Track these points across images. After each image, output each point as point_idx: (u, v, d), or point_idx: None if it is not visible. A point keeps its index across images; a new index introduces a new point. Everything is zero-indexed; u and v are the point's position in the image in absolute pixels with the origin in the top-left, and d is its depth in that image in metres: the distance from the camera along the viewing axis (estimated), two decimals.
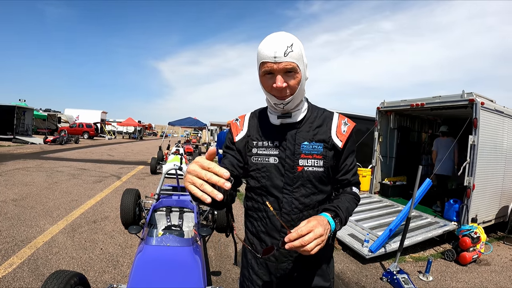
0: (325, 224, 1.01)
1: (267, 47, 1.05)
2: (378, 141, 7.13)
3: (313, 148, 1.20)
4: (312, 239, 0.91)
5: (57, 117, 32.38)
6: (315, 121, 1.24)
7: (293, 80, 1.09)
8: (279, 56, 1.04)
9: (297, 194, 1.20)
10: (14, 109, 19.75)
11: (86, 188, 7.42)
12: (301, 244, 0.90)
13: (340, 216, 1.13)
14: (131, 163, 13.16)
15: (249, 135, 1.28)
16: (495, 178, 5.38)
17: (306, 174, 1.19)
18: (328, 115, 1.27)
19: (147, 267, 2.30)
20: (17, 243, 3.88)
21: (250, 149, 1.26)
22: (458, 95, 5.09)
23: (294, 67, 1.06)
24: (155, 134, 62.43)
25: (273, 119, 1.24)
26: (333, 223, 1.08)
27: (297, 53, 1.06)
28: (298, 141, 1.20)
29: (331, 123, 1.25)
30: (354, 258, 4.31)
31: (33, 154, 13.60)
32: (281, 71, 1.07)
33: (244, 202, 1.36)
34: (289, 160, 1.19)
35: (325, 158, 1.20)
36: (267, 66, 1.07)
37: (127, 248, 4.03)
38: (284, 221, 1.20)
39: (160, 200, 3.84)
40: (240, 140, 1.29)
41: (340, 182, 1.30)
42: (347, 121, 1.27)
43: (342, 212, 1.14)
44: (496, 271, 4.23)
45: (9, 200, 5.80)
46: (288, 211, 1.20)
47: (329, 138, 1.22)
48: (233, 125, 1.33)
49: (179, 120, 15.17)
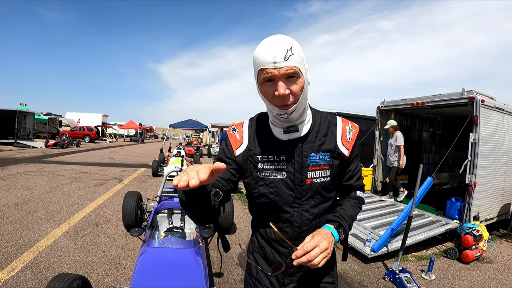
0: (329, 237, 1.04)
1: (265, 52, 0.96)
2: (379, 141, 7.13)
3: (320, 159, 1.16)
4: (318, 253, 0.96)
5: (58, 121, 32.46)
6: (320, 129, 1.19)
7: (296, 85, 1.00)
8: (279, 60, 0.95)
9: (306, 206, 1.18)
10: (15, 114, 19.84)
11: (88, 191, 7.44)
12: (307, 259, 0.95)
13: (343, 226, 1.14)
14: (132, 166, 13.18)
15: (251, 149, 1.19)
16: (497, 175, 5.37)
17: (315, 186, 1.17)
18: (332, 121, 1.22)
19: (149, 269, 2.31)
20: (19, 246, 3.90)
21: (255, 164, 1.18)
22: (458, 93, 5.09)
23: (296, 72, 0.98)
24: (156, 136, 62.51)
25: (277, 132, 1.15)
26: (337, 234, 1.10)
27: (298, 56, 0.98)
28: (305, 153, 1.15)
29: (336, 130, 1.20)
30: (356, 258, 4.31)
31: (35, 158, 13.64)
32: (282, 77, 0.97)
33: (251, 213, 1.35)
34: (298, 174, 1.15)
35: (332, 168, 1.18)
36: (267, 72, 0.97)
37: (130, 250, 4.04)
38: (296, 233, 1.20)
39: (162, 202, 3.84)
40: (241, 154, 1.19)
41: (345, 187, 1.29)
42: (351, 126, 1.23)
43: (345, 221, 1.16)
44: (499, 268, 4.22)
45: (11, 204, 5.81)
46: (299, 224, 1.19)
47: (335, 147, 1.18)
48: (231, 136, 1.23)
49: (180, 122, 15.18)
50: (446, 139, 9.05)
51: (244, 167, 1.20)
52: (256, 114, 1.28)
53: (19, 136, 20.28)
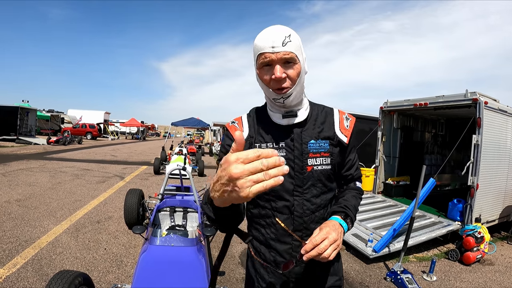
0: (337, 228, 1.03)
1: (264, 38, 1.02)
2: (382, 141, 7.11)
3: (320, 146, 1.16)
4: (327, 246, 0.94)
5: (60, 117, 32.52)
6: (318, 118, 1.21)
7: (293, 70, 1.04)
8: (277, 45, 1.00)
9: (308, 195, 1.15)
10: (17, 110, 19.90)
11: (89, 188, 7.45)
12: (317, 253, 0.93)
13: (350, 216, 1.14)
14: (134, 164, 13.20)
15: (252, 136, 1.19)
16: (499, 177, 5.35)
17: (316, 174, 1.15)
18: (329, 111, 1.24)
19: (151, 267, 2.31)
20: (21, 243, 3.91)
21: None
22: (462, 95, 5.07)
23: (293, 57, 1.02)
24: (158, 134, 62.59)
25: (276, 118, 1.16)
26: (345, 224, 1.10)
27: (296, 44, 1.03)
28: (304, 140, 1.15)
29: (333, 119, 1.22)
30: (358, 258, 4.30)
31: (37, 155, 13.68)
32: (279, 61, 1.02)
33: (247, 210, 1.27)
34: (298, 161, 1.14)
35: (332, 155, 1.18)
36: (265, 56, 1.02)
37: (131, 248, 4.04)
38: (297, 224, 1.15)
39: (164, 200, 3.84)
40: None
41: (345, 178, 1.29)
42: (348, 115, 1.26)
43: (351, 211, 1.16)
44: (500, 271, 4.21)
45: (13, 200, 5.83)
46: (300, 213, 1.15)
47: (334, 135, 1.19)
48: (231, 128, 1.23)
49: (182, 121, 15.20)
50: (449, 140, 9.01)
51: None
52: (252, 108, 1.30)
53: (21, 132, 20.34)
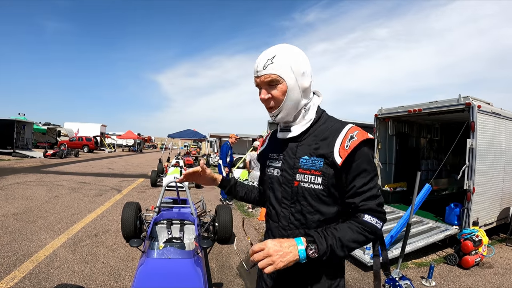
0: (284, 247, 0.97)
1: (255, 62, 1.13)
2: (377, 148, 7.16)
3: (313, 164, 1.12)
4: (260, 257, 0.95)
5: (57, 130, 32.45)
6: (321, 134, 1.15)
7: (276, 91, 1.11)
8: (260, 69, 1.10)
9: (293, 209, 1.18)
10: (13, 123, 19.86)
11: (86, 201, 7.41)
12: (252, 260, 0.96)
13: (318, 243, 1.00)
14: (131, 176, 13.16)
15: (265, 148, 1.40)
16: (495, 180, 5.39)
17: (301, 191, 1.14)
18: (337, 128, 1.14)
19: (149, 280, 2.30)
20: (18, 257, 3.88)
21: (266, 161, 1.34)
22: (455, 99, 5.13)
23: (275, 79, 1.09)
24: (155, 146, 62.48)
25: (279, 132, 1.28)
26: (303, 250, 0.98)
27: (280, 64, 1.08)
28: (298, 155, 1.16)
29: (337, 136, 1.11)
30: (356, 266, 4.29)
31: (33, 168, 13.60)
32: (263, 84, 1.12)
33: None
34: (287, 174, 1.19)
35: (325, 175, 1.10)
36: (254, 80, 1.15)
37: (129, 261, 4.02)
38: (279, 235, 1.21)
39: (161, 213, 3.84)
40: (260, 153, 1.43)
41: (349, 206, 1.13)
42: (357, 134, 1.09)
43: (325, 239, 1.01)
44: (499, 273, 4.22)
45: (10, 214, 5.79)
46: (284, 225, 1.20)
47: (330, 154, 1.09)
48: (260, 141, 1.47)
49: (178, 132, 15.20)
50: (444, 145, 9.08)
51: (262, 165, 1.39)
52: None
53: (17, 145, 20.25)
